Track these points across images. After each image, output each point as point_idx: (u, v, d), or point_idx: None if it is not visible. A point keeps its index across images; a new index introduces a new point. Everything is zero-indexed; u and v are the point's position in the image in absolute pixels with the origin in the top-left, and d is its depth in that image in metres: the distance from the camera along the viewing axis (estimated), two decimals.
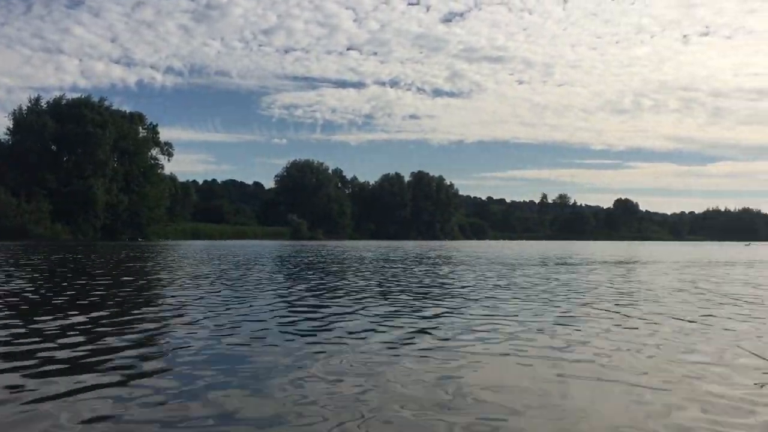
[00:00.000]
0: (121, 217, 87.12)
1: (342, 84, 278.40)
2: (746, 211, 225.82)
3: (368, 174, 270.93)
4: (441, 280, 15.32)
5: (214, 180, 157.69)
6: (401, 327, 7.42)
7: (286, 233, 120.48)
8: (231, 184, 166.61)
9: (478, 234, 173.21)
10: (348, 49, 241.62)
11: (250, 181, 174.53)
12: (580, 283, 14.61)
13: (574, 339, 6.67)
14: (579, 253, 40.28)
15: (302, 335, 6.81)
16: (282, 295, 11.15)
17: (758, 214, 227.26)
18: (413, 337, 6.71)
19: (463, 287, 13.31)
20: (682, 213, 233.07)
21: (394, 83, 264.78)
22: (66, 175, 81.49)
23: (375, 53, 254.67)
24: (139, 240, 78.94)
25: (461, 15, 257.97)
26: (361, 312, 8.83)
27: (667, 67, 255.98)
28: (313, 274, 17.03)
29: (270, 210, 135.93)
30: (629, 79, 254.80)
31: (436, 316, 8.54)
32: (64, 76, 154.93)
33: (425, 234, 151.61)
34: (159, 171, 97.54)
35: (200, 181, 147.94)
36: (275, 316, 8.30)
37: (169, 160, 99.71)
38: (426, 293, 11.80)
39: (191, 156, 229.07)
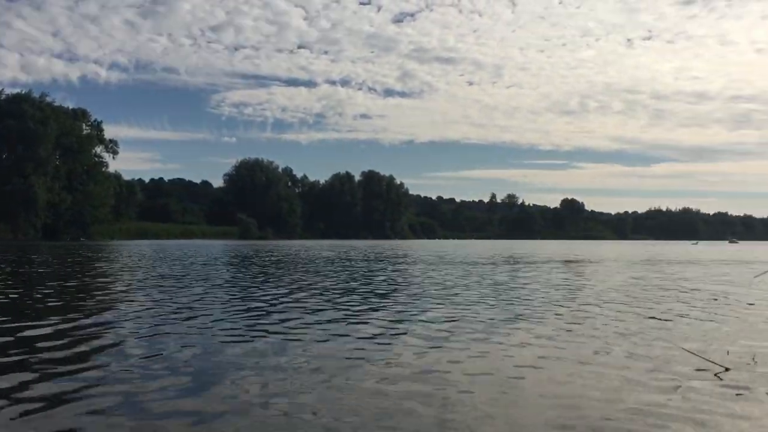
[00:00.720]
0: (63, 217, 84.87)
1: (293, 82, 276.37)
2: (686, 211, 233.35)
3: (319, 173, 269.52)
4: (410, 279, 15.53)
5: (161, 179, 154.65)
6: (367, 323, 7.60)
7: (235, 233, 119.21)
8: (179, 182, 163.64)
9: (428, 233, 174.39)
10: (299, 47, 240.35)
11: (198, 180, 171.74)
12: (535, 282, 15.01)
13: (530, 336, 6.94)
14: (533, 253, 41.05)
15: (261, 337, 6.92)
16: (244, 300, 11.18)
17: (698, 213, 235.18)
18: (375, 336, 6.89)
19: (434, 286, 13.55)
20: (626, 213, 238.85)
21: (345, 82, 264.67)
22: (5, 173, 78.95)
23: (326, 52, 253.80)
24: (82, 240, 77.03)
25: (412, 15, 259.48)
26: (328, 312, 8.97)
27: (612, 69, 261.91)
28: (290, 277, 17.03)
29: (219, 209, 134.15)
30: (576, 81, 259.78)
31: (399, 313, 8.74)
32: (3, 71, 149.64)
33: (375, 233, 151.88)
34: (103, 169, 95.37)
35: (146, 180, 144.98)
36: (233, 320, 8.37)
37: (113, 158, 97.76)
38: (397, 292, 11.99)
39: (137, 154, 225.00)
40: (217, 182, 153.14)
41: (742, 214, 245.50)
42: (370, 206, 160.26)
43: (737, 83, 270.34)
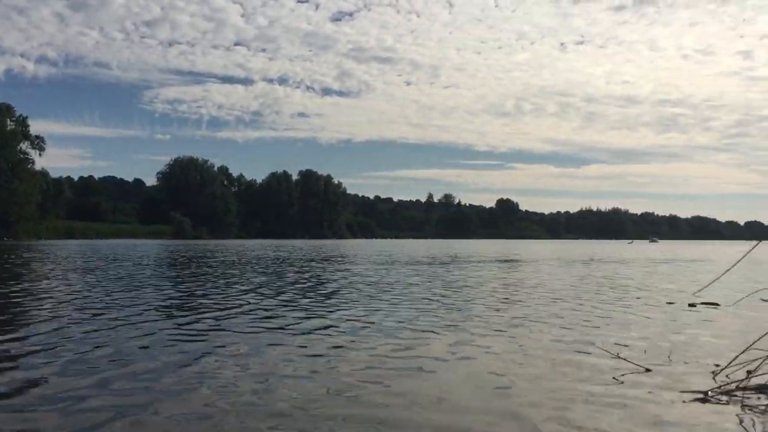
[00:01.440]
0: None
1: (229, 80, 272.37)
2: (616, 211, 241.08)
3: (255, 172, 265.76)
4: (366, 279, 15.42)
5: (91, 176, 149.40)
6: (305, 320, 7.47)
7: (169, 232, 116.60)
8: (110, 180, 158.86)
9: (366, 233, 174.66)
10: (235, 44, 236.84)
11: (130, 178, 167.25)
12: (469, 281, 15.14)
13: (464, 334, 6.96)
14: (475, 253, 41.51)
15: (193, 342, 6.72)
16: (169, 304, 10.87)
17: (626, 213, 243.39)
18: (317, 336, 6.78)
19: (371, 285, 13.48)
20: (559, 213, 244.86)
21: (282, 81, 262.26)
22: None
23: (263, 50, 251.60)
24: (5, 239, 73.88)
25: (350, 15, 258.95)
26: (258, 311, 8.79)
27: (546, 73, 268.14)
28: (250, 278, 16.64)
29: (152, 208, 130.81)
30: (511, 83, 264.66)
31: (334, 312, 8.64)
32: None
33: (313, 233, 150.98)
34: (29, 166, 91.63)
35: (75, 178, 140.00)
36: (159, 322, 8.11)
37: (40, 154, 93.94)
38: (338, 291, 11.87)
39: (67, 151, 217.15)
40: (151, 180, 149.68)
41: (667, 215, 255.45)
42: (307, 206, 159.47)
43: (665, 88, 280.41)
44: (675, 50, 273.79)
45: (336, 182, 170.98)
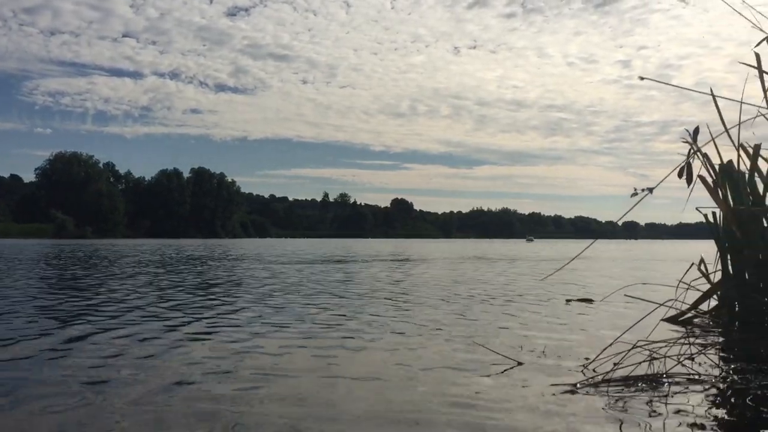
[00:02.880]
0: None
1: (117, 73, 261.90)
2: (505, 211, 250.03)
3: (145, 169, 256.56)
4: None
5: None
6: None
7: (48, 231, 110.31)
8: None
9: (260, 232, 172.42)
10: (123, 36, 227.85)
11: (6, 174, 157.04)
12: (360, 279, 15.05)
13: (348, 337, 6.79)
14: (362, 251, 41.62)
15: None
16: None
17: (515, 213, 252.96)
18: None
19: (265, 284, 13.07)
20: (452, 212, 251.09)
21: (174, 75, 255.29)
22: None
23: (154, 42, 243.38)
24: None
25: (246, 10, 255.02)
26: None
27: (440, 75, 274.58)
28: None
29: (29, 206, 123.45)
30: (406, 84, 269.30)
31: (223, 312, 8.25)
32: None
33: (205, 232, 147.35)
34: None
35: None
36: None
37: None
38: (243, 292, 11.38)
39: None
40: (29, 177, 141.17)
41: (552, 215, 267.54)
42: (199, 204, 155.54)
43: (551, 93, 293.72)
44: (561, 58, 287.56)
45: (230, 180, 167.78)
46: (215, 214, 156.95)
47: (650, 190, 6.04)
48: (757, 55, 6.46)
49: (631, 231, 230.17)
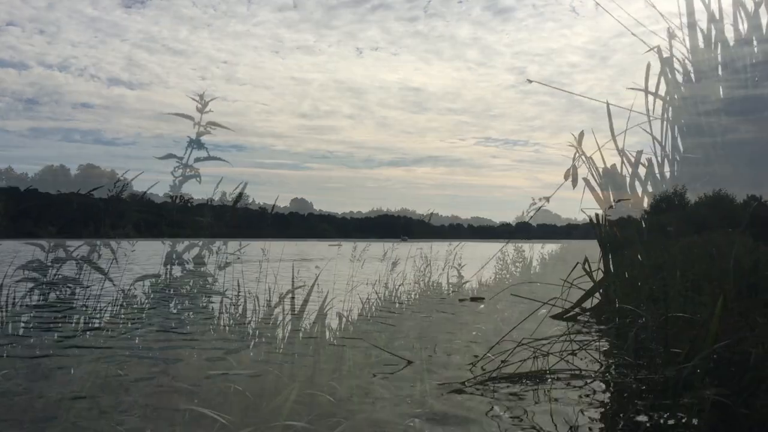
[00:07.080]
0: None
1: None
2: (404, 212, 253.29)
3: (28, 165, 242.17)
4: None
5: None
6: None
7: None
8: None
9: (154, 232, 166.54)
10: (8, 24, 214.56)
11: None
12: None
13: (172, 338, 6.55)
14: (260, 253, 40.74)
15: None
16: None
17: (414, 214, 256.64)
18: None
19: None
20: (351, 212, 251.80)
21: (63, 67, 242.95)
22: None
23: (41, 32, 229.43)
24: None
25: (142, 2, 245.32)
26: None
27: (342, 75, 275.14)
28: None
29: None
30: (308, 84, 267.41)
31: None
32: None
33: (93, 232, 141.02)
34: None
35: None
36: None
37: None
38: None
39: None
40: None
41: (450, 215, 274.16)
42: (87, 203, 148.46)
43: (451, 96, 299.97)
44: (461, 62, 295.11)
45: (122, 178, 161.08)
46: (105, 213, 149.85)
47: (547, 199, 6.24)
48: (648, 67, 6.80)
49: (524, 232, 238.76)
